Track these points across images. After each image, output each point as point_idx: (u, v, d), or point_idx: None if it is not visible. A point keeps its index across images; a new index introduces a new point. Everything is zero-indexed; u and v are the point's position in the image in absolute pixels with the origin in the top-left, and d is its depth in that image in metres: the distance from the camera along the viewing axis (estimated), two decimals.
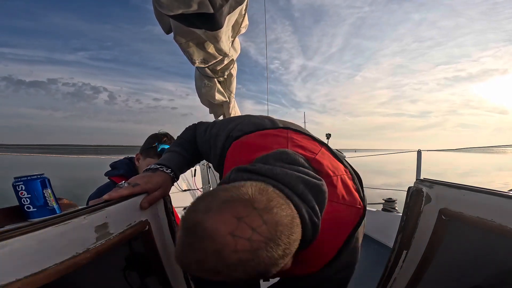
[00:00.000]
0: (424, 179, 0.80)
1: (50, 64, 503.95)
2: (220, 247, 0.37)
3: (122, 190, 0.63)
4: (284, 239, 0.41)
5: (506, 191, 0.60)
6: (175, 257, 0.42)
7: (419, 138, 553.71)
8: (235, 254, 0.37)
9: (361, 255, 0.66)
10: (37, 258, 0.39)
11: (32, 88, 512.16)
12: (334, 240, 0.59)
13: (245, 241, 0.38)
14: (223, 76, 1.98)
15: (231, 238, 0.37)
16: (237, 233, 0.38)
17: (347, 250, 0.60)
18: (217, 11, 0.90)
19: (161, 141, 1.12)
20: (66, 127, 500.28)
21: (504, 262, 0.62)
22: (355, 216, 0.59)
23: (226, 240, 0.37)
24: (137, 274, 0.72)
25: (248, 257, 0.38)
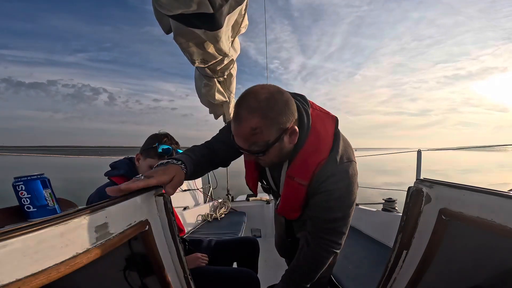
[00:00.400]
0: (424, 179, 0.80)
1: (49, 66, 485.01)
2: (255, 91, 0.72)
3: (138, 182, 0.65)
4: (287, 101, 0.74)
5: (506, 191, 0.60)
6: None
7: (419, 137, 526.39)
8: (263, 94, 0.71)
9: (361, 255, 0.66)
10: (37, 258, 0.39)
11: (32, 90, 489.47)
12: (326, 132, 0.83)
13: (267, 92, 0.72)
14: (223, 76, 1.98)
15: (261, 89, 0.73)
16: (263, 88, 0.73)
17: (336, 150, 0.81)
18: (216, 11, 0.90)
19: (161, 141, 1.12)
20: (66, 129, 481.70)
21: (504, 262, 0.62)
22: (332, 118, 0.87)
23: (257, 90, 0.73)
24: (137, 274, 0.72)
25: (268, 97, 0.71)
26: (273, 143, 0.74)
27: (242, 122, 0.72)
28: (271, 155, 0.79)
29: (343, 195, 0.82)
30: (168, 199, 0.76)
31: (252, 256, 1.51)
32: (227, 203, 3.11)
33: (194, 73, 2.14)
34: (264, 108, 0.70)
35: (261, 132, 0.72)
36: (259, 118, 0.70)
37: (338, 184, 0.81)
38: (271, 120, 0.71)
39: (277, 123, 0.73)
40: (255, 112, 0.70)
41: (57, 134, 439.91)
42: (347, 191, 0.82)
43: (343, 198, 0.83)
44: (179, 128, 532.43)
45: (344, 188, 0.82)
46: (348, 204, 0.84)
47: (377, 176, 15.05)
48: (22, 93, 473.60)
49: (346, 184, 0.82)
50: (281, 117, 0.72)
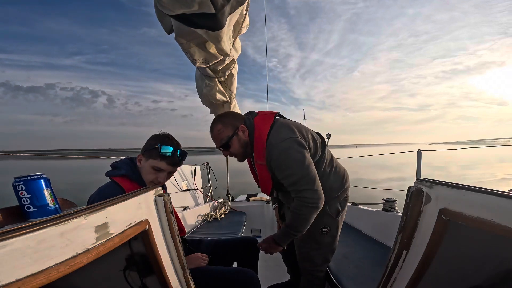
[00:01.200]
0: (424, 179, 0.80)
1: (47, 69, 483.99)
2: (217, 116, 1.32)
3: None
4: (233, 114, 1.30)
5: (506, 191, 0.60)
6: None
7: (420, 131, 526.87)
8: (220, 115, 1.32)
9: (361, 255, 0.67)
10: (37, 258, 0.39)
11: (30, 94, 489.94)
12: (264, 126, 1.20)
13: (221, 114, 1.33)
14: (224, 76, 1.98)
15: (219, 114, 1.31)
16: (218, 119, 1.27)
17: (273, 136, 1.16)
18: (218, 11, 0.90)
19: (163, 142, 1.12)
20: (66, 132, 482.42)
21: (504, 262, 0.62)
22: (272, 114, 1.27)
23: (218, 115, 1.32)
24: (137, 274, 0.72)
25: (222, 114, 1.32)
26: (232, 136, 1.22)
27: (212, 129, 1.26)
28: (235, 146, 1.23)
29: (286, 163, 1.11)
30: (168, 199, 0.77)
31: (252, 256, 1.51)
32: (227, 203, 3.11)
33: (195, 73, 2.13)
34: (222, 119, 1.26)
35: (223, 131, 1.23)
36: (220, 123, 1.24)
37: (278, 156, 1.12)
38: (227, 124, 1.23)
39: (231, 125, 1.23)
40: (217, 121, 1.26)
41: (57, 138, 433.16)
42: (287, 159, 1.11)
43: (287, 164, 1.11)
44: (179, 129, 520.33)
45: (283, 158, 1.12)
46: (296, 166, 1.10)
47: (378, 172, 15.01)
48: (20, 97, 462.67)
49: (284, 155, 1.11)
50: (232, 121, 1.24)
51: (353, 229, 2.33)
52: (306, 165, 1.11)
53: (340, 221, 1.32)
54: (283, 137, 1.15)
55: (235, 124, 1.23)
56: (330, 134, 2.78)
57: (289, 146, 1.12)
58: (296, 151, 1.12)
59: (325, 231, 1.28)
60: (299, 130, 1.21)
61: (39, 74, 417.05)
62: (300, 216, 1.14)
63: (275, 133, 1.17)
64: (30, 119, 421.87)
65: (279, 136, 1.16)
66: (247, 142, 1.24)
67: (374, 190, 3.96)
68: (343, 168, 1.37)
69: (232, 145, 1.22)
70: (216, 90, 2.04)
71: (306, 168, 1.11)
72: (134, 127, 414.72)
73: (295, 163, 1.11)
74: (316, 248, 1.32)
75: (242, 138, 1.23)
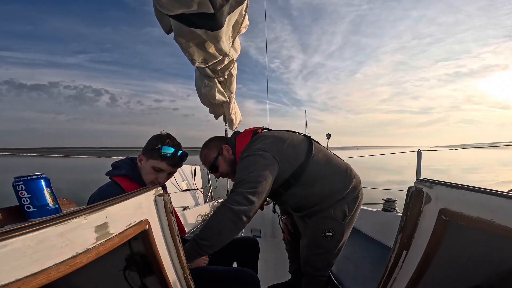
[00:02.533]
0: (424, 179, 0.80)
1: (50, 68, 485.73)
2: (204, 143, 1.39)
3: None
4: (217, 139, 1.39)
5: (506, 191, 0.60)
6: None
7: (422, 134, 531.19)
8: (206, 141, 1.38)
9: (361, 255, 0.67)
10: (37, 258, 0.39)
11: (34, 92, 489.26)
12: (241, 145, 1.26)
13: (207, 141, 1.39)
14: (223, 76, 1.98)
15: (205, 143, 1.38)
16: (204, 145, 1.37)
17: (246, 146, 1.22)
18: (217, 11, 0.90)
19: (164, 142, 1.12)
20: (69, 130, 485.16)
21: (504, 262, 0.62)
22: (250, 132, 1.31)
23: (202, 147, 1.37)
24: (137, 274, 0.72)
25: (207, 141, 1.38)
26: (217, 157, 1.30)
27: (201, 156, 1.37)
28: (222, 165, 1.31)
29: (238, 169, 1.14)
30: (168, 199, 0.77)
31: (252, 256, 1.51)
32: None
33: (195, 73, 2.13)
34: (207, 144, 1.36)
35: (208, 154, 1.33)
36: (206, 148, 1.34)
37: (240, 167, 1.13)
38: (211, 147, 1.33)
39: (215, 147, 1.32)
40: (203, 147, 1.36)
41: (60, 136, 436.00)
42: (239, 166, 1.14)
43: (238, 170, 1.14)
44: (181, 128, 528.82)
45: (238, 166, 1.15)
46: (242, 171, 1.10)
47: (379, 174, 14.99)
48: (24, 95, 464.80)
49: (240, 163, 1.15)
50: (216, 143, 1.34)
51: (353, 229, 2.32)
52: (252, 170, 1.07)
53: (347, 225, 1.24)
54: (250, 149, 1.16)
55: (219, 145, 1.31)
56: (330, 134, 2.76)
57: (247, 155, 1.13)
58: (251, 159, 1.11)
59: (329, 236, 1.21)
60: (274, 142, 1.19)
61: (43, 72, 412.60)
62: (213, 217, 1.06)
63: (246, 147, 1.21)
64: (33, 117, 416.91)
65: (248, 149, 1.19)
66: (233, 160, 1.28)
67: (374, 190, 3.96)
68: (346, 167, 1.27)
69: (220, 165, 1.30)
70: (216, 90, 2.04)
71: (250, 172, 1.06)
72: (136, 126, 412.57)
73: (242, 168, 1.11)
74: (318, 253, 1.27)
75: (227, 156, 1.29)
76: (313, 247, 1.28)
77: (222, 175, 1.34)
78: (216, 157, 1.29)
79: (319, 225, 1.17)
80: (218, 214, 1.05)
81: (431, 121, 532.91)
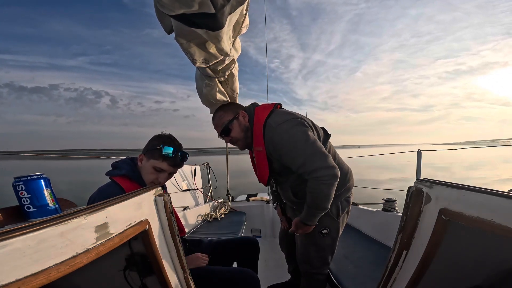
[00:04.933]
0: (424, 179, 0.80)
1: (51, 70, 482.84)
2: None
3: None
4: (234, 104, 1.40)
5: (506, 191, 0.60)
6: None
7: (422, 132, 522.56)
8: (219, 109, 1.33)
9: (361, 255, 0.67)
10: (37, 258, 0.39)
11: (34, 94, 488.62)
12: (263, 113, 1.21)
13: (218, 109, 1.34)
14: (224, 76, 1.98)
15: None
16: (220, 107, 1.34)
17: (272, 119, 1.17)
18: (218, 11, 0.90)
19: (165, 142, 1.12)
20: (70, 132, 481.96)
21: (504, 262, 0.62)
22: (271, 105, 1.26)
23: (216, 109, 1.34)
24: (137, 274, 0.72)
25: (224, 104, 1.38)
26: (232, 120, 1.25)
27: (214, 117, 1.31)
28: (236, 129, 1.25)
29: (290, 144, 1.09)
30: (168, 199, 0.77)
31: (252, 256, 1.51)
32: (227, 203, 3.11)
33: (195, 74, 2.13)
34: (222, 106, 1.32)
35: (223, 116, 1.27)
36: (221, 110, 1.30)
37: (281, 139, 1.11)
38: (227, 110, 1.29)
39: (232, 110, 1.28)
40: (218, 110, 1.31)
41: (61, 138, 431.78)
42: (289, 140, 1.09)
43: (291, 145, 1.09)
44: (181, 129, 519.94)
45: (286, 139, 1.10)
46: (301, 146, 1.07)
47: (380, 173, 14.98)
48: (24, 98, 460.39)
49: (286, 136, 1.10)
50: (233, 108, 1.30)
51: (353, 229, 2.33)
52: (311, 142, 1.07)
53: (340, 223, 1.29)
54: (282, 119, 1.14)
55: (235, 110, 1.27)
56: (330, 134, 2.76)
57: (290, 126, 1.11)
58: (298, 130, 1.09)
59: (325, 233, 1.25)
60: (305, 118, 1.19)
61: (43, 74, 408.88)
62: (319, 194, 1.08)
63: (274, 116, 1.18)
64: (34, 119, 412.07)
65: (278, 118, 1.15)
66: (248, 128, 1.25)
67: (374, 190, 3.96)
68: (346, 166, 1.33)
69: (233, 129, 1.24)
70: (216, 90, 2.04)
71: (311, 146, 1.06)
72: (136, 127, 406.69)
73: (299, 142, 1.07)
74: (315, 250, 1.29)
75: (242, 122, 1.25)
76: (309, 245, 1.29)
77: (232, 140, 1.28)
78: (231, 120, 1.24)
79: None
80: (320, 191, 1.07)
81: (432, 118, 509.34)
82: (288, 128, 1.10)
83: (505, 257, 0.61)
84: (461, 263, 0.72)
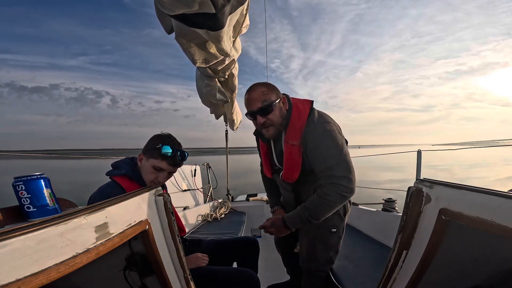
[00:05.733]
0: (424, 179, 0.80)
1: (51, 70, 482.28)
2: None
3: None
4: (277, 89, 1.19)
5: (506, 191, 0.60)
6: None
7: (423, 132, 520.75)
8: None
9: (361, 255, 0.67)
10: (37, 258, 0.39)
11: (35, 94, 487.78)
12: (303, 107, 1.18)
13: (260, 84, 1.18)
14: (224, 76, 1.98)
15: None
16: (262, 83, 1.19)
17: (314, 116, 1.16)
18: (219, 11, 0.90)
19: (164, 142, 1.12)
20: (70, 132, 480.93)
21: (504, 262, 0.62)
22: (309, 101, 1.22)
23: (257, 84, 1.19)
24: (137, 274, 0.72)
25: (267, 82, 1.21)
26: (276, 101, 1.14)
27: (254, 89, 1.16)
28: (276, 113, 1.15)
29: (327, 143, 1.09)
30: (168, 199, 0.77)
31: (252, 256, 1.51)
32: (227, 203, 3.11)
33: (196, 73, 2.13)
34: (266, 83, 1.19)
35: (268, 93, 1.14)
36: (265, 86, 1.16)
37: (320, 136, 1.10)
38: (272, 89, 1.17)
39: (275, 91, 1.18)
40: (261, 84, 1.18)
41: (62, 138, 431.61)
42: (328, 140, 1.09)
43: (328, 145, 1.08)
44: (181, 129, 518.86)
45: (325, 138, 1.09)
46: (336, 150, 1.08)
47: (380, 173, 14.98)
48: (25, 98, 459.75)
49: (326, 135, 1.10)
50: (276, 89, 1.19)
51: (353, 229, 2.33)
52: (345, 151, 1.10)
53: (345, 222, 1.31)
54: (325, 119, 1.16)
55: (278, 93, 1.19)
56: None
57: (332, 129, 1.12)
58: (337, 136, 1.12)
59: (334, 232, 1.26)
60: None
61: (43, 74, 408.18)
62: (328, 202, 1.07)
63: (316, 114, 1.16)
64: (35, 119, 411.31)
65: (321, 117, 1.16)
66: (285, 116, 1.18)
67: (374, 190, 3.96)
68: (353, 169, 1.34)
69: (274, 110, 1.14)
70: (217, 90, 2.04)
71: (345, 155, 1.09)
72: (137, 127, 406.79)
73: (336, 146, 1.08)
74: (323, 249, 1.29)
75: (282, 108, 1.18)
76: (317, 244, 1.29)
77: (265, 123, 1.15)
78: (275, 101, 1.14)
79: (325, 221, 1.18)
80: (331, 200, 1.07)
81: (432, 119, 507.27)
82: (330, 129, 1.11)
83: (505, 257, 0.61)
84: (461, 263, 0.72)
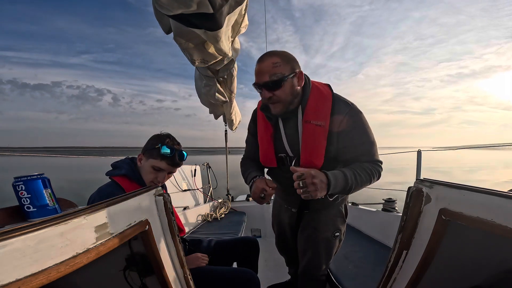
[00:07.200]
0: (424, 179, 0.80)
1: (54, 67, 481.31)
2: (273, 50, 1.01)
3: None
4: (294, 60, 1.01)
5: (506, 191, 0.60)
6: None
7: (424, 135, 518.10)
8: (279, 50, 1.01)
9: (361, 255, 0.67)
10: (37, 258, 0.39)
11: (37, 91, 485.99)
12: (323, 87, 1.08)
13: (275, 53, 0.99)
14: (223, 76, 1.98)
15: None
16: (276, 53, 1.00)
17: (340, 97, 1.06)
18: (217, 11, 0.90)
19: (164, 142, 1.12)
20: (71, 130, 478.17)
21: (504, 262, 0.62)
22: (327, 85, 1.11)
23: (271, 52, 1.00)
24: (137, 274, 0.72)
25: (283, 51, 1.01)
26: (287, 76, 0.98)
27: (265, 59, 0.98)
28: (286, 89, 0.99)
29: (365, 126, 1.03)
30: (168, 199, 0.77)
31: (252, 256, 1.51)
32: (227, 203, 3.11)
33: (195, 74, 2.14)
34: (281, 53, 1.00)
35: (280, 66, 0.97)
36: (278, 57, 0.98)
37: (358, 118, 1.02)
38: (287, 60, 0.99)
39: (291, 63, 0.99)
40: (275, 54, 0.99)
41: (62, 135, 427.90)
42: (364, 123, 1.03)
43: (365, 128, 1.03)
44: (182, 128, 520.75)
45: (362, 121, 1.03)
46: (370, 133, 1.04)
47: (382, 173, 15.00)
48: (27, 95, 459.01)
49: (363, 120, 1.03)
50: (292, 61, 1.00)
51: (353, 229, 2.33)
52: (374, 137, 1.06)
53: (345, 224, 1.29)
54: (351, 101, 1.06)
55: (295, 66, 1.00)
56: None
57: (361, 111, 1.05)
58: (366, 120, 1.06)
59: (337, 236, 1.24)
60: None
61: (46, 72, 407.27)
62: (372, 175, 1.01)
63: (346, 103, 1.04)
64: (36, 116, 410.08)
65: (348, 101, 1.06)
66: (298, 94, 1.03)
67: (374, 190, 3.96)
68: None
69: (284, 85, 0.98)
70: (215, 90, 2.04)
71: (375, 140, 1.05)
72: (138, 125, 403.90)
73: (370, 132, 1.04)
74: (326, 253, 1.27)
75: (295, 85, 1.01)
76: (322, 251, 1.26)
77: (273, 98, 1.00)
78: (287, 76, 0.97)
79: (330, 224, 1.18)
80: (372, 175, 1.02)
81: (433, 122, 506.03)
82: (360, 111, 1.04)
83: (505, 257, 0.61)
84: (461, 263, 0.72)
